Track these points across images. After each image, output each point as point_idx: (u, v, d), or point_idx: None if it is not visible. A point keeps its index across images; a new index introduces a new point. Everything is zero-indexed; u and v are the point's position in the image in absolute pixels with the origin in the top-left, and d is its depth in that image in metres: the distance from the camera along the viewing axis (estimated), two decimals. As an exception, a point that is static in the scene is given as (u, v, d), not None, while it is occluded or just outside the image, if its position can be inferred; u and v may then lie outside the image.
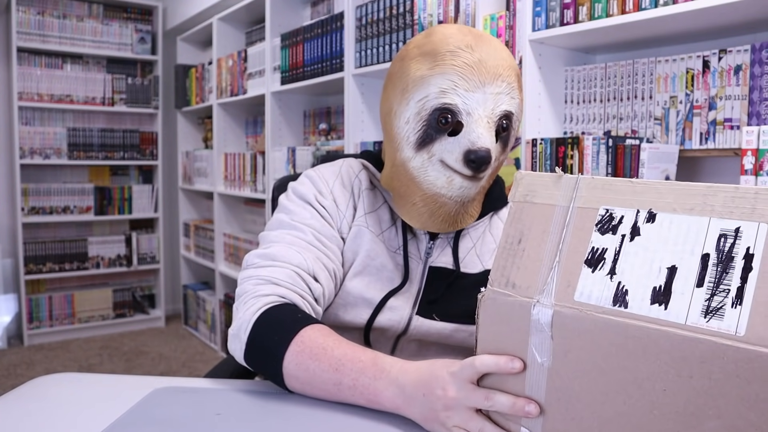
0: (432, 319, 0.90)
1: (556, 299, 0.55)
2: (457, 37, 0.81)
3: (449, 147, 0.81)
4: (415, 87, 0.82)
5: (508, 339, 0.59)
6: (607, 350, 0.52)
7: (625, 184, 0.55)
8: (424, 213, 0.86)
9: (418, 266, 0.91)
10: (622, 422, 0.52)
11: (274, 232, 0.87)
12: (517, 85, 0.83)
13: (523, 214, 0.61)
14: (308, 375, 0.71)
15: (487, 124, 0.79)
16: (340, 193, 0.92)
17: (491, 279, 0.61)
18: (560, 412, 0.56)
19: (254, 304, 0.77)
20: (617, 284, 0.52)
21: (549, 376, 0.56)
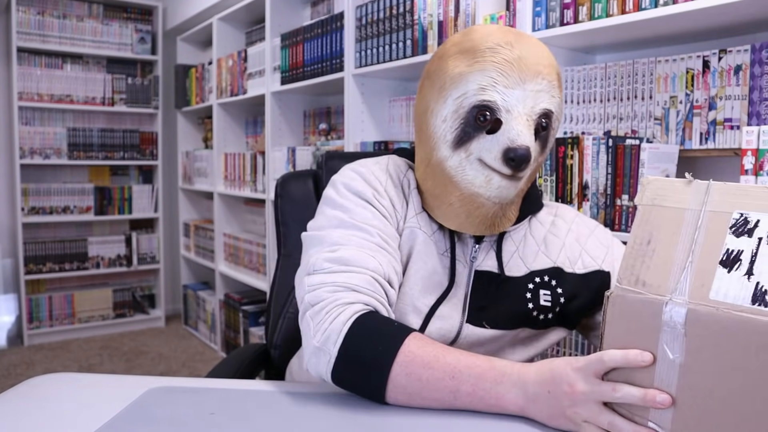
0: (482, 327, 0.88)
1: (690, 297, 0.56)
2: (497, 35, 0.80)
3: (488, 145, 0.79)
4: (453, 84, 0.80)
5: (636, 336, 0.60)
6: (746, 348, 0.52)
7: (760, 189, 0.57)
8: (462, 214, 0.84)
9: (464, 270, 0.89)
10: (760, 422, 0.52)
11: (336, 232, 0.82)
12: (557, 84, 0.82)
13: (651, 217, 0.63)
14: (420, 385, 0.69)
15: (526, 122, 0.78)
16: (394, 192, 0.89)
17: (620, 277, 0.62)
18: (692, 408, 0.56)
19: (341, 313, 0.73)
20: (755, 284, 0.53)
21: (681, 373, 0.57)
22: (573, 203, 1.51)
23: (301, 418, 0.69)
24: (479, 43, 0.80)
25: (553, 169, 1.55)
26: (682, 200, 0.61)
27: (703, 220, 0.59)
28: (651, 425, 0.59)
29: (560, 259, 0.92)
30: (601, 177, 1.46)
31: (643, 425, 0.59)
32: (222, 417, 0.69)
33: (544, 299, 0.90)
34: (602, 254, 0.93)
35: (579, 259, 0.92)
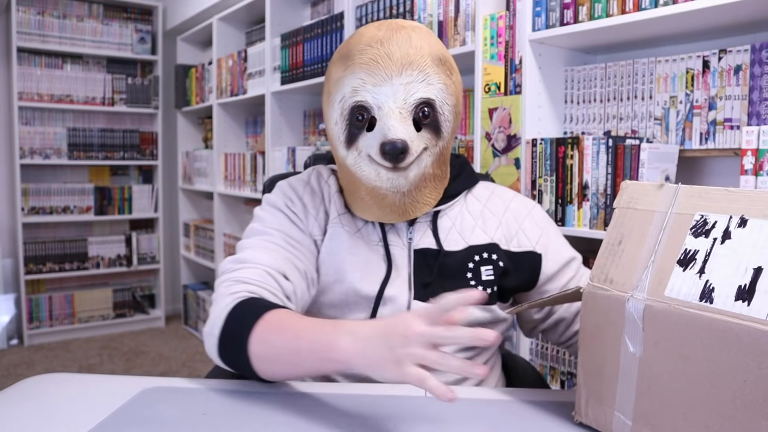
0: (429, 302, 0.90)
1: (648, 294, 0.61)
2: (370, 34, 0.85)
3: (369, 141, 0.84)
4: (335, 89, 0.86)
5: (605, 329, 0.65)
6: (693, 342, 0.56)
7: (721, 192, 0.60)
8: (373, 205, 0.90)
9: (403, 252, 0.93)
10: (706, 410, 0.56)
11: (247, 240, 0.90)
12: (435, 70, 0.84)
13: (625, 219, 0.67)
14: (272, 351, 0.72)
15: (399, 115, 0.82)
16: (309, 199, 0.95)
17: (592, 275, 0.67)
18: (650, 397, 0.61)
19: (224, 302, 0.79)
20: (705, 282, 0.57)
21: (640, 365, 0.61)
22: (573, 203, 1.51)
23: (293, 418, 0.69)
24: (353, 46, 0.85)
25: (553, 169, 1.55)
26: (653, 203, 0.65)
27: (668, 222, 0.63)
28: (616, 414, 0.63)
29: (497, 236, 0.96)
30: (601, 177, 1.46)
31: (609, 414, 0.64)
32: (214, 417, 0.69)
33: (486, 274, 0.93)
34: (537, 236, 0.97)
35: (515, 237, 0.97)
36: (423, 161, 0.86)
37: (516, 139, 1.64)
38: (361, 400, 0.76)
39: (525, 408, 0.74)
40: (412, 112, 0.83)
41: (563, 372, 1.62)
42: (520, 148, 1.63)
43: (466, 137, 2.06)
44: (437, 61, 0.85)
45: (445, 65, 0.86)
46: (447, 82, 0.86)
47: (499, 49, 1.67)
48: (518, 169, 1.64)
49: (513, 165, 1.65)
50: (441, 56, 0.86)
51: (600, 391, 0.66)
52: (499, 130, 1.68)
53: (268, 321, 0.74)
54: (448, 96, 0.86)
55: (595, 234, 1.47)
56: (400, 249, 0.93)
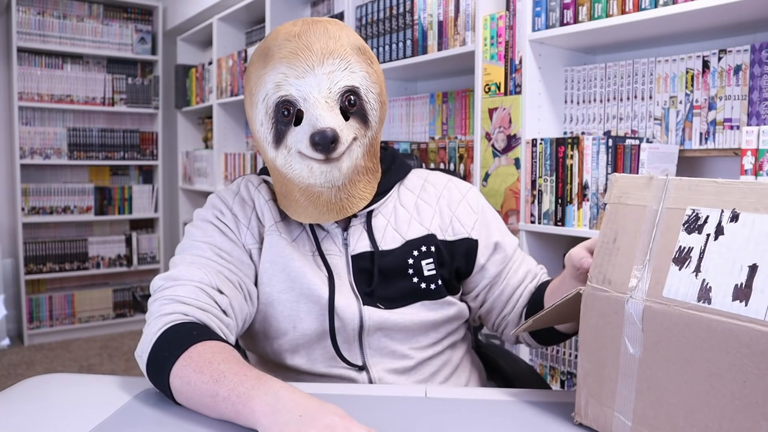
0: (378, 307, 0.90)
1: (647, 295, 0.60)
2: (286, 30, 0.84)
3: (298, 136, 0.82)
4: (257, 88, 0.84)
5: (604, 331, 0.65)
6: (692, 343, 0.56)
7: (711, 184, 0.59)
8: (308, 206, 0.87)
9: (341, 260, 0.91)
10: (705, 410, 0.56)
11: (178, 257, 0.87)
12: (356, 59, 0.84)
13: (617, 215, 0.66)
14: (189, 388, 0.69)
15: (326, 104, 0.80)
16: (239, 208, 0.92)
17: (590, 275, 0.67)
18: (649, 398, 0.60)
19: (155, 325, 0.76)
20: (702, 281, 0.56)
21: (640, 366, 0.61)
22: (573, 203, 1.51)
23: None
24: (270, 42, 0.84)
25: (553, 169, 1.55)
26: (644, 197, 0.64)
27: (661, 218, 0.62)
28: (616, 415, 0.63)
29: (433, 227, 0.94)
30: (601, 177, 1.46)
31: (609, 415, 0.64)
32: (216, 418, 0.69)
33: (427, 269, 0.92)
34: (472, 222, 0.96)
35: (449, 226, 0.95)
36: (354, 152, 0.84)
37: (516, 139, 1.64)
38: (361, 400, 0.76)
39: (525, 408, 0.74)
40: (338, 101, 0.82)
41: (563, 372, 1.62)
42: (520, 148, 1.63)
43: (466, 137, 2.06)
44: (357, 50, 0.85)
45: (365, 54, 0.86)
46: (369, 70, 0.85)
47: (499, 49, 1.67)
48: (518, 169, 1.64)
49: (513, 165, 1.65)
50: (360, 46, 0.86)
51: (600, 392, 0.66)
52: (499, 130, 1.68)
53: (190, 356, 0.71)
54: (371, 84, 0.85)
55: (595, 234, 1.46)
56: (337, 257, 0.91)
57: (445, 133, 2.15)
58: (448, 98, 2.14)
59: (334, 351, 0.89)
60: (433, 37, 1.91)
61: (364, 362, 0.90)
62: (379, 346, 0.91)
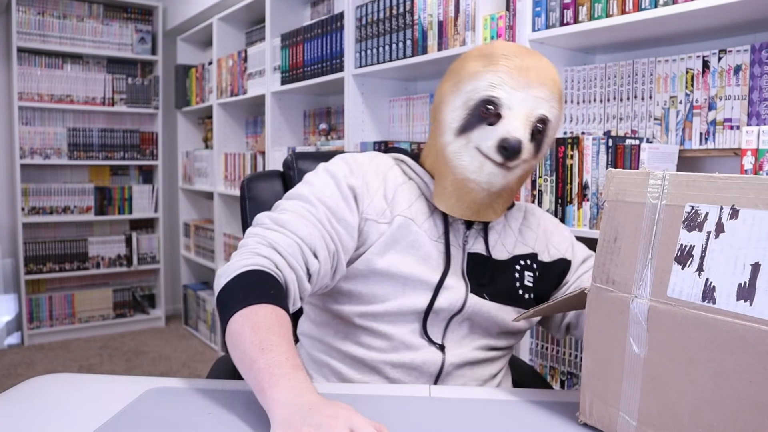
0: (483, 298, 0.95)
1: (651, 295, 0.60)
2: (515, 48, 0.91)
3: (486, 134, 0.87)
4: (468, 79, 0.90)
5: (609, 331, 0.65)
6: (698, 343, 0.56)
7: (708, 180, 0.58)
8: (452, 197, 0.92)
9: (458, 252, 0.96)
10: (711, 410, 0.56)
11: (290, 202, 0.91)
12: (558, 98, 0.91)
13: (616, 213, 0.66)
14: (238, 340, 0.73)
15: (525, 119, 0.87)
16: (373, 177, 0.95)
17: (594, 275, 0.67)
18: (654, 398, 0.60)
19: (246, 259, 0.80)
20: (705, 281, 0.56)
21: (645, 365, 0.61)
22: (573, 203, 1.51)
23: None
24: (498, 50, 0.90)
25: (553, 169, 1.55)
26: (642, 194, 0.63)
27: (660, 215, 0.61)
28: (621, 415, 0.63)
29: (537, 247, 1.04)
30: (601, 177, 1.46)
31: (614, 414, 0.64)
32: (220, 417, 0.69)
33: (527, 280, 1.00)
34: (565, 246, 1.06)
35: (546, 249, 1.04)
36: (517, 170, 0.90)
37: (516, 139, 1.64)
38: (361, 400, 0.76)
39: (529, 408, 0.74)
40: (532, 123, 0.88)
41: (563, 372, 1.62)
42: (521, 148, 1.63)
43: (466, 137, 2.06)
44: (558, 89, 0.92)
45: (561, 98, 0.94)
46: (560, 109, 0.93)
47: (499, 49, 1.67)
48: (519, 169, 1.64)
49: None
50: (561, 90, 0.93)
51: (604, 391, 0.66)
52: (499, 130, 1.68)
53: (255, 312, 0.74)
54: (556, 122, 0.93)
55: (595, 234, 1.47)
56: (456, 249, 0.96)
57: (446, 133, 2.15)
58: (448, 98, 2.14)
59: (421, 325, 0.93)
60: (433, 37, 1.91)
61: (443, 342, 0.94)
62: (461, 334, 0.96)
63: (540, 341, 1.67)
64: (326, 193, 0.91)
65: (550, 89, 0.89)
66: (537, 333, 1.68)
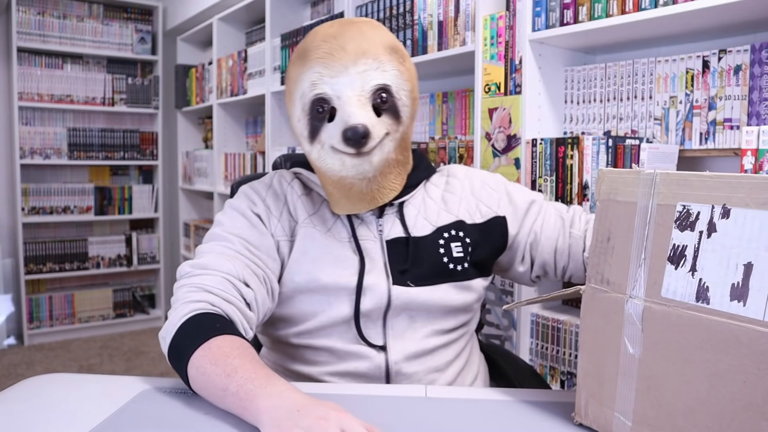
0: (407, 285, 0.93)
1: (646, 295, 0.60)
2: (322, 31, 0.89)
3: (331, 132, 0.87)
4: (295, 87, 0.90)
5: (604, 330, 0.65)
6: (692, 343, 0.56)
7: (698, 178, 0.57)
8: (341, 198, 0.93)
9: (376, 244, 0.95)
10: (705, 410, 0.56)
11: (207, 245, 0.91)
12: (389, 58, 0.88)
13: (609, 213, 0.66)
14: (204, 379, 0.72)
15: (358, 102, 0.85)
16: (272, 201, 0.96)
17: (588, 276, 0.67)
18: (649, 399, 0.60)
19: (182, 310, 0.79)
20: (698, 281, 0.56)
21: (639, 366, 0.61)
22: (573, 203, 1.51)
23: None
24: (308, 44, 0.89)
25: (552, 169, 1.55)
26: (633, 193, 0.63)
27: (652, 214, 0.61)
28: (616, 415, 0.63)
29: (461, 213, 1.00)
30: (600, 177, 1.46)
31: (609, 415, 0.64)
32: (216, 417, 0.69)
33: (456, 251, 0.97)
34: (496, 201, 1.02)
35: (477, 210, 1.01)
36: (386, 146, 0.89)
37: (516, 139, 1.64)
38: (361, 400, 0.76)
39: (525, 408, 0.74)
40: (370, 98, 0.87)
41: (563, 372, 1.62)
42: (520, 148, 1.63)
43: (466, 137, 2.06)
44: (389, 49, 0.89)
45: (397, 53, 0.90)
46: (401, 68, 0.90)
47: (499, 49, 1.67)
48: (518, 169, 1.64)
49: (513, 165, 1.65)
50: (393, 45, 0.90)
51: (600, 392, 0.65)
52: (499, 130, 1.68)
53: (209, 348, 0.74)
54: (403, 82, 0.90)
55: (595, 234, 1.47)
56: (372, 242, 0.95)
57: (445, 133, 2.15)
58: (448, 98, 2.14)
59: (356, 331, 0.92)
60: (433, 37, 1.91)
61: (385, 342, 0.93)
62: (402, 327, 0.94)
63: (540, 341, 1.67)
64: (236, 226, 0.92)
65: (374, 55, 0.86)
66: (537, 333, 1.68)
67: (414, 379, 0.92)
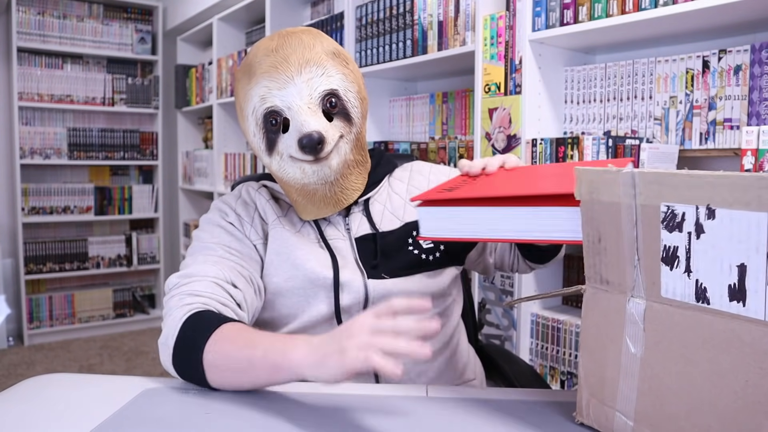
0: (382, 278, 0.95)
1: (646, 295, 0.60)
2: (263, 45, 0.91)
3: (288, 142, 0.89)
4: (245, 103, 0.91)
5: (606, 330, 0.64)
6: (694, 343, 0.56)
7: (679, 177, 0.55)
8: (307, 204, 0.95)
9: (345, 243, 0.97)
10: (708, 410, 0.55)
11: (189, 258, 0.93)
12: (332, 63, 0.90)
13: (594, 213, 0.64)
14: (224, 359, 0.74)
15: (309, 110, 0.87)
16: (243, 209, 0.99)
17: (587, 276, 0.66)
18: (651, 398, 0.60)
19: (179, 312, 0.81)
20: (695, 282, 0.56)
21: (641, 365, 0.61)
22: (573, 203, 1.51)
23: (295, 417, 0.69)
24: (251, 59, 0.91)
25: (552, 169, 1.55)
26: (615, 193, 0.61)
27: (638, 215, 0.59)
28: (617, 415, 0.63)
29: None
30: (600, 177, 1.46)
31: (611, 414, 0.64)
32: (217, 417, 0.69)
33: (426, 243, 0.99)
34: None
35: None
36: (342, 149, 0.91)
37: (516, 139, 1.64)
38: (361, 400, 0.76)
39: (526, 408, 0.74)
40: (320, 104, 0.88)
41: (563, 372, 1.62)
42: (520, 148, 1.63)
43: (466, 137, 2.06)
44: (331, 55, 0.91)
45: (339, 57, 0.93)
46: (345, 71, 0.92)
47: (499, 49, 1.67)
48: (518, 169, 1.64)
49: (513, 165, 1.65)
50: (334, 50, 0.92)
51: (601, 391, 0.65)
52: (499, 130, 1.68)
53: (222, 332, 0.76)
54: (349, 84, 0.92)
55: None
56: (341, 241, 0.97)
57: (445, 133, 2.15)
58: (448, 98, 2.14)
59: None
60: (433, 37, 1.91)
61: None
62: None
63: (540, 341, 1.67)
64: (215, 235, 0.94)
65: (317, 62, 0.88)
66: (537, 333, 1.68)
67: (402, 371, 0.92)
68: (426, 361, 0.95)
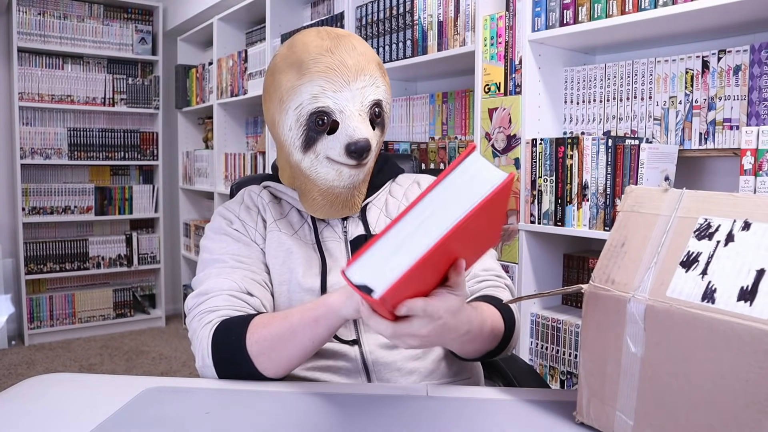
0: None
1: (649, 294, 0.61)
2: (314, 43, 0.91)
3: (331, 144, 0.89)
4: (289, 96, 0.90)
5: (606, 329, 0.65)
6: (695, 342, 0.56)
7: (727, 197, 0.60)
8: (324, 205, 0.97)
9: (340, 244, 0.99)
10: (708, 409, 0.56)
11: (202, 273, 0.94)
12: (379, 73, 0.93)
13: (628, 222, 0.68)
14: (267, 342, 0.79)
15: (360, 117, 0.89)
16: (246, 215, 1.01)
17: (594, 275, 0.68)
18: (651, 398, 0.60)
19: (204, 332, 0.85)
20: (707, 283, 0.57)
21: (642, 365, 0.61)
22: (572, 203, 1.51)
23: (295, 417, 0.70)
24: (303, 55, 0.90)
25: (552, 170, 1.55)
26: (658, 207, 0.66)
27: (672, 225, 0.63)
28: (618, 414, 0.63)
29: None
30: (600, 177, 1.46)
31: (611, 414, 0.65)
32: (218, 416, 0.69)
33: None
34: None
35: None
36: (372, 157, 0.95)
37: (516, 139, 1.64)
38: (361, 399, 0.76)
39: (526, 407, 0.74)
40: (368, 113, 0.91)
41: (563, 372, 1.62)
42: (520, 148, 1.63)
43: (466, 137, 2.06)
44: (378, 65, 0.94)
45: (382, 68, 0.95)
46: (386, 84, 0.95)
47: (498, 49, 1.67)
48: (518, 169, 1.64)
49: (513, 165, 1.66)
50: (378, 61, 0.95)
51: (602, 391, 0.66)
52: (498, 130, 1.69)
53: (254, 324, 0.81)
54: (388, 96, 0.96)
55: (594, 234, 1.47)
56: (336, 242, 0.99)
57: (445, 133, 2.15)
58: (448, 98, 2.14)
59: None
60: (433, 37, 1.91)
61: (357, 336, 0.94)
62: None
63: (540, 341, 1.67)
64: (222, 245, 0.96)
65: (370, 72, 0.90)
66: (537, 333, 1.68)
67: (393, 368, 0.92)
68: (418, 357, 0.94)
